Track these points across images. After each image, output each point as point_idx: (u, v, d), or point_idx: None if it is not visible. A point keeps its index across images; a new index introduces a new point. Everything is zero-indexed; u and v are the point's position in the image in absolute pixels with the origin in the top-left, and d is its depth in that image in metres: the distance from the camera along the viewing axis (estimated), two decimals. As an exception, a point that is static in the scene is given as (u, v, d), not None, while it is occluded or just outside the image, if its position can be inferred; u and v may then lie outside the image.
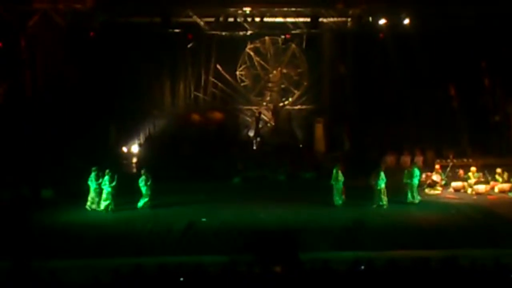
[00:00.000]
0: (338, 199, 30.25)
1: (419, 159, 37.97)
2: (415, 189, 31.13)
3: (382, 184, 30.28)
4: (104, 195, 29.74)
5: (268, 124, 42.34)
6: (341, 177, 30.32)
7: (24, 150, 34.67)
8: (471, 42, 37.20)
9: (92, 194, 29.96)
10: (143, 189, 29.81)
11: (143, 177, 29.84)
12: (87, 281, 18.03)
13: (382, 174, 30.35)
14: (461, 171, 34.40)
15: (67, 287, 18.04)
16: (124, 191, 30.94)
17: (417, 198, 31.15)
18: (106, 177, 29.67)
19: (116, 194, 29.76)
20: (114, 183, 29.71)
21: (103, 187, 29.76)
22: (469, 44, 37.30)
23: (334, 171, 30.44)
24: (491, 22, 35.53)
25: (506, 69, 37.50)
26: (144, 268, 18.66)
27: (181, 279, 18.09)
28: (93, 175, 30.03)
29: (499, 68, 38.04)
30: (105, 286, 17.89)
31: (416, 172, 31.27)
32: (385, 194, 30.29)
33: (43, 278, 18.17)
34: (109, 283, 17.95)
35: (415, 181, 31.16)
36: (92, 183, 29.97)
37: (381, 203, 30.12)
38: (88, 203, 29.97)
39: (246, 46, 41.18)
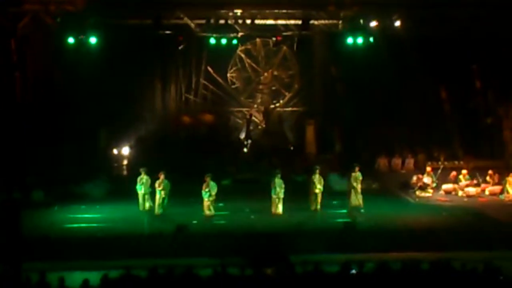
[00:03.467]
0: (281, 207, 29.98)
1: (410, 162, 38.06)
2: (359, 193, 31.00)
3: (319, 187, 30.29)
4: (157, 197, 29.84)
5: (259, 126, 42.34)
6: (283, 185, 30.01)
7: (14, 152, 34.57)
8: (463, 44, 37.24)
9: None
10: (203, 195, 29.56)
11: (204, 183, 29.61)
12: (77, 284, 17.93)
13: (318, 178, 30.30)
14: (452, 174, 34.42)
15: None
16: (115, 194, 31.04)
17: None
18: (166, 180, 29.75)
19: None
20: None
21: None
22: (461, 47, 37.34)
23: (276, 179, 29.94)
24: (482, 24, 35.51)
25: (498, 71, 37.53)
26: (134, 271, 18.62)
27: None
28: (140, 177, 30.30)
29: (491, 70, 38.07)
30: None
31: (360, 176, 31.08)
32: (319, 199, 30.28)
33: (33, 280, 18.09)
34: (99, 285, 17.89)
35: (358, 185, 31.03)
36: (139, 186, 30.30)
37: (312, 207, 30.17)
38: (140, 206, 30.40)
39: (237, 48, 41.09)
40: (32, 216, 28.12)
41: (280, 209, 29.74)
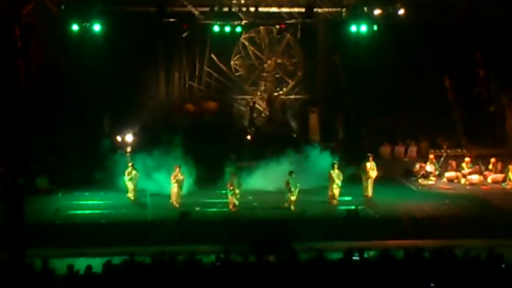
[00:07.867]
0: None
1: (413, 149, 38.02)
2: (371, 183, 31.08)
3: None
4: (173, 190, 29.69)
5: (263, 114, 42.27)
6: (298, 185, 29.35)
7: (18, 139, 34.63)
8: (466, 32, 37.16)
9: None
10: (228, 192, 29.06)
11: (229, 182, 29.29)
12: (80, 270, 18.02)
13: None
14: (453, 163, 34.49)
15: (59, 276, 18.00)
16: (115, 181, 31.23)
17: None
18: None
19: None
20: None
21: None
22: (464, 35, 37.25)
23: (291, 181, 29.13)
24: (486, 12, 35.47)
25: (501, 59, 37.44)
26: (137, 258, 18.70)
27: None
28: None
29: (494, 58, 37.97)
30: (98, 275, 17.89)
31: (374, 165, 31.16)
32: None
33: (36, 267, 18.17)
34: (102, 272, 17.97)
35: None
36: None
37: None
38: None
39: (240, 36, 41.02)
40: (36, 203, 28.23)
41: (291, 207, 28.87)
